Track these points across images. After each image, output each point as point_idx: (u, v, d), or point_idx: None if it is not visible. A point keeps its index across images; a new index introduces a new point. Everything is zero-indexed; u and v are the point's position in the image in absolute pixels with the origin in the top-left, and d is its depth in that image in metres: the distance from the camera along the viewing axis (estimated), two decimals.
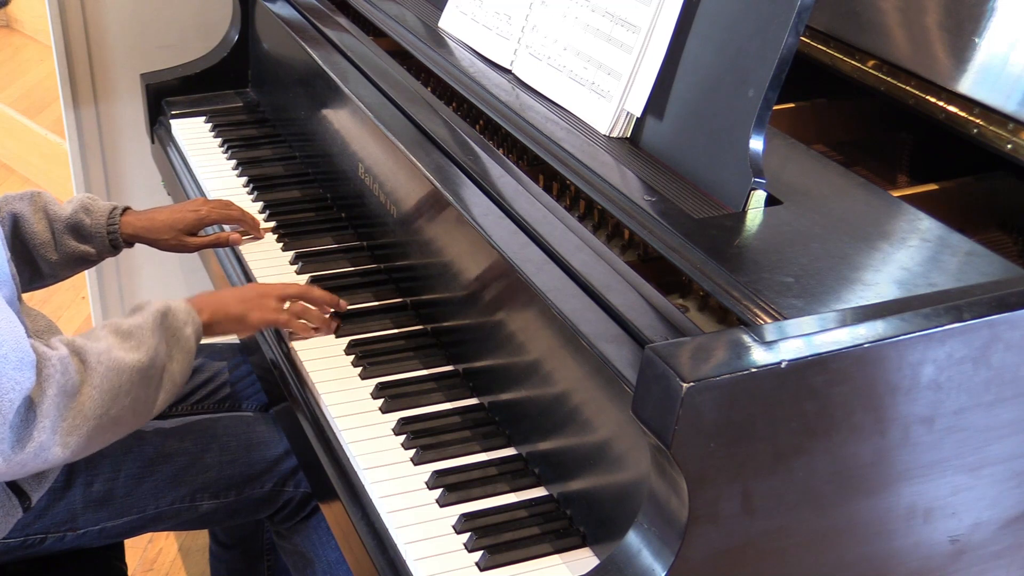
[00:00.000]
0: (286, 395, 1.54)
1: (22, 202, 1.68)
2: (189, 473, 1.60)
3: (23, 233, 1.67)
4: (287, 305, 1.57)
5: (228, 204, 1.81)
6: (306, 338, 1.56)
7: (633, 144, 1.44)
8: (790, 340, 1.00)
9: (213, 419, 1.68)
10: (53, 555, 1.58)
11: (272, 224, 1.86)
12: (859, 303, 1.09)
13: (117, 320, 1.40)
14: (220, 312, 1.51)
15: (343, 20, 2.02)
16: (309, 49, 1.92)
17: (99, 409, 1.30)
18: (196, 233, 1.79)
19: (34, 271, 1.71)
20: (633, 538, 1.05)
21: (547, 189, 1.45)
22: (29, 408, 1.24)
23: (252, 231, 1.82)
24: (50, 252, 1.68)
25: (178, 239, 1.77)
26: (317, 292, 1.59)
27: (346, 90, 1.77)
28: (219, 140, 2.16)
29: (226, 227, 1.83)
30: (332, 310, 1.60)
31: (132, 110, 2.58)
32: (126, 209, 1.75)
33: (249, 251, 1.79)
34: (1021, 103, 1.40)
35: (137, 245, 1.79)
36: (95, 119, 2.60)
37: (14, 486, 1.45)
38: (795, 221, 1.25)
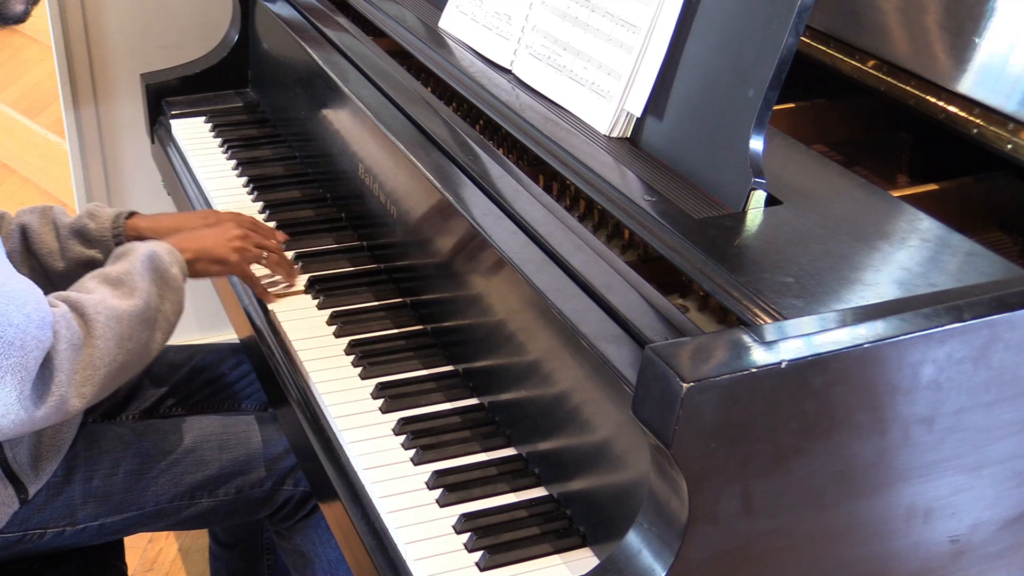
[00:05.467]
0: (286, 395, 1.54)
1: (32, 215, 1.69)
2: (188, 471, 1.60)
3: (32, 244, 1.67)
4: (265, 254, 1.65)
5: (238, 216, 1.80)
6: (268, 301, 1.65)
7: (633, 144, 1.44)
8: (790, 340, 1.00)
9: (213, 418, 1.69)
10: (52, 554, 1.58)
11: (273, 223, 1.86)
12: (859, 303, 1.09)
13: (104, 269, 1.44)
14: (201, 252, 1.57)
15: (343, 20, 2.02)
16: (309, 49, 1.92)
17: (107, 357, 1.34)
18: None
19: (47, 284, 1.71)
20: (633, 538, 1.05)
21: (547, 189, 1.45)
22: (44, 365, 1.28)
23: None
24: (56, 260, 1.68)
25: None
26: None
27: (346, 90, 1.77)
28: (219, 140, 2.15)
29: None
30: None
31: (132, 110, 2.58)
32: (132, 213, 1.75)
33: None
34: (1021, 103, 1.40)
35: None
36: (95, 119, 2.60)
37: (11, 476, 1.46)
38: (795, 221, 1.25)
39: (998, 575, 1.22)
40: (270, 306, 1.65)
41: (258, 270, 1.69)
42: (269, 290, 1.67)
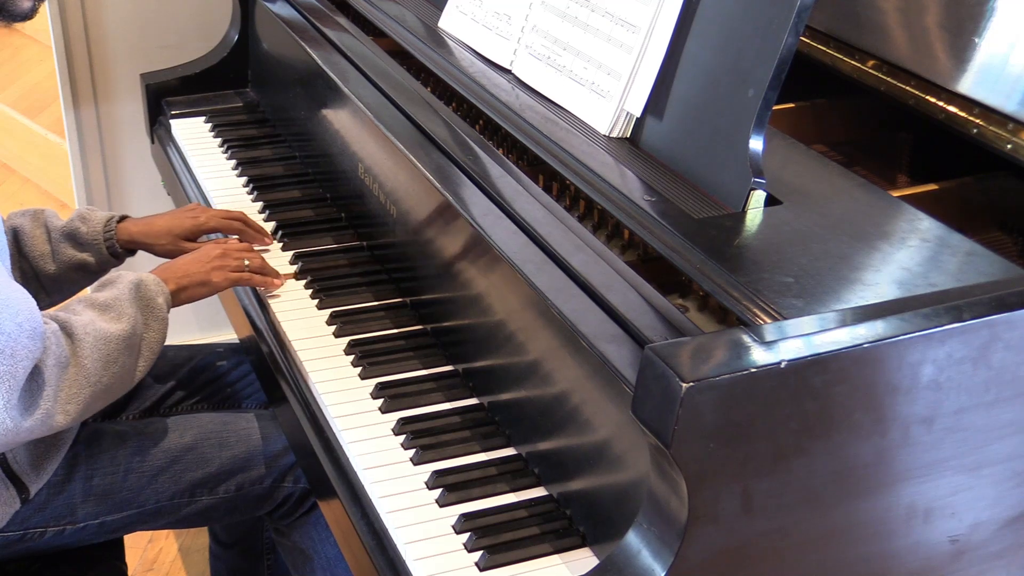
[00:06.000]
0: (286, 395, 1.54)
1: (24, 217, 1.69)
2: (188, 468, 1.61)
3: (24, 247, 1.68)
4: (247, 262, 1.65)
5: (228, 213, 1.80)
6: (270, 289, 1.68)
7: (633, 144, 1.44)
8: (790, 340, 1.00)
9: (213, 416, 1.69)
10: (53, 554, 1.58)
11: (273, 223, 1.86)
12: (859, 303, 1.09)
13: (92, 295, 1.45)
14: (184, 279, 1.57)
15: (343, 20, 2.02)
16: (309, 49, 1.92)
17: (93, 377, 1.35)
18: (194, 239, 1.78)
19: (39, 287, 1.71)
20: (633, 538, 1.05)
21: (547, 189, 1.45)
22: (33, 378, 1.29)
23: (257, 241, 1.80)
24: (48, 264, 1.69)
25: (175, 244, 1.75)
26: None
27: (346, 90, 1.77)
28: (219, 140, 2.16)
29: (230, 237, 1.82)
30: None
31: (132, 110, 2.58)
32: (124, 217, 1.75)
33: None
34: (1021, 103, 1.40)
35: (140, 254, 1.79)
36: (95, 119, 2.60)
37: (12, 476, 1.46)
38: (795, 221, 1.25)
39: (998, 575, 1.22)
40: (270, 304, 1.65)
41: None
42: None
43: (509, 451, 1.36)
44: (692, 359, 0.98)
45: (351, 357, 1.53)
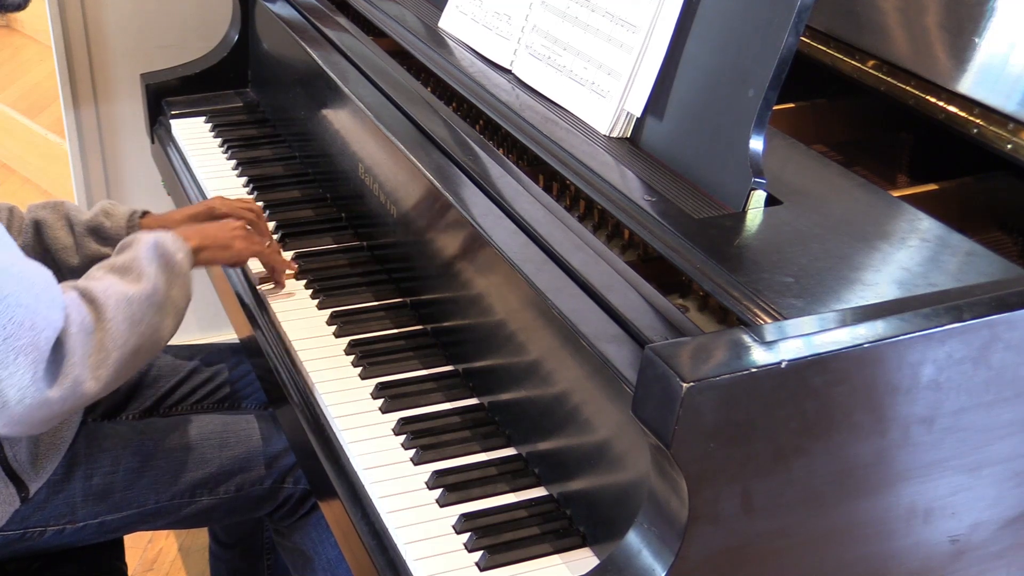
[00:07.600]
0: (286, 395, 1.54)
1: (45, 210, 1.70)
2: (189, 469, 1.61)
3: (45, 239, 1.68)
4: (268, 243, 1.66)
5: (245, 202, 1.77)
6: (279, 278, 1.68)
7: (633, 144, 1.44)
8: (790, 340, 1.00)
9: (213, 416, 1.69)
10: (53, 554, 1.58)
11: (273, 223, 1.86)
12: (859, 303, 1.09)
13: (110, 259, 1.44)
14: (207, 239, 1.56)
15: (343, 20, 2.03)
16: (309, 49, 1.92)
17: (119, 339, 1.34)
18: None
19: (60, 280, 1.71)
20: (633, 538, 1.05)
21: (547, 189, 1.45)
22: (58, 347, 1.28)
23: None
24: (71, 256, 1.69)
25: None
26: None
27: (346, 90, 1.77)
28: (219, 140, 2.16)
29: None
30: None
31: (132, 110, 2.58)
32: (145, 213, 1.75)
33: None
34: (1021, 103, 1.40)
35: None
36: (95, 119, 2.60)
37: (12, 475, 1.46)
38: (795, 221, 1.25)
39: (998, 575, 1.22)
40: (270, 304, 1.65)
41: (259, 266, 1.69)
42: (271, 286, 1.68)
43: (509, 451, 1.36)
44: (692, 359, 0.98)
45: (351, 357, 1.53)
